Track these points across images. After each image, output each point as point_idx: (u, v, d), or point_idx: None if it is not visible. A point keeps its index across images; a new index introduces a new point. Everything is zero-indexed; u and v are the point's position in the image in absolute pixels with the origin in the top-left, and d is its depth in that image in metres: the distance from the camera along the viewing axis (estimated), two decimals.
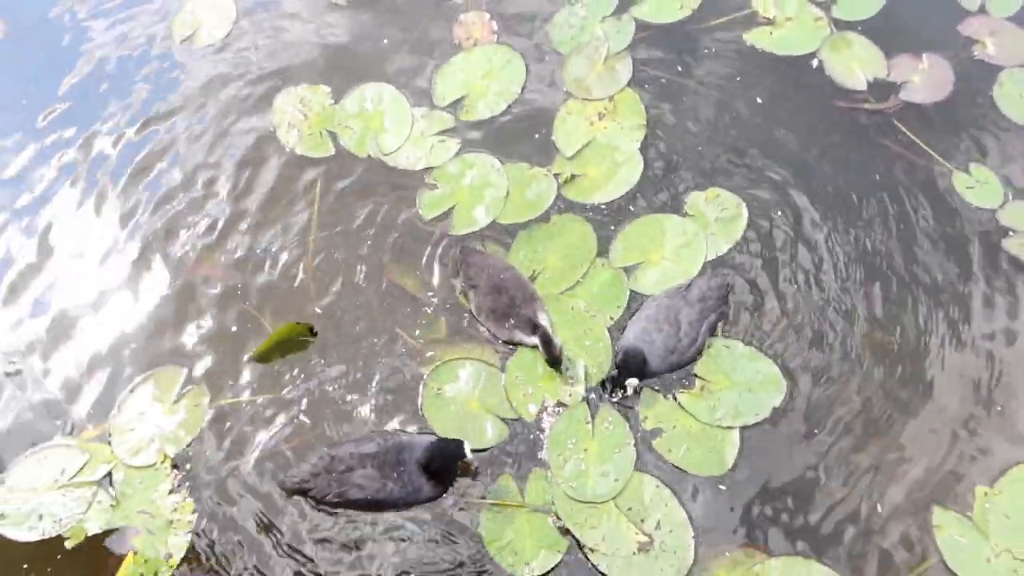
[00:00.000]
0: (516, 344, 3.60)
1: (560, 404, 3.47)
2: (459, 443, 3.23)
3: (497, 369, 3.58)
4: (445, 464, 3.25)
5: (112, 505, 3.34)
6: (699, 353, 3.54)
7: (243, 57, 4.57)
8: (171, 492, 3.36)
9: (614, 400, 3.46)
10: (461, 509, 3.30)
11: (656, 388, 3.50)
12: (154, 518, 3.31)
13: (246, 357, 3.66)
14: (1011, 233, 3.86)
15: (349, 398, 3.56)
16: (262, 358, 3.65)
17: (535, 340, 3.50)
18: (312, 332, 3.70)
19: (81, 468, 3.41)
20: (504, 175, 4.07)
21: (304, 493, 3.27)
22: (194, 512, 3.32)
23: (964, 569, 3.10)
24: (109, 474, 3.41)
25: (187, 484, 3.39)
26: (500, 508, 3.28)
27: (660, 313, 3.51)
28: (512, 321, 3.55)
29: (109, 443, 3.47)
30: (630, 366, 3.38)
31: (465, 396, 3.53)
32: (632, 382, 3.37)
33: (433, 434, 3.41)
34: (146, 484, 3.39)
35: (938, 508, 3.22)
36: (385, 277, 3.84)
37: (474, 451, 3.30)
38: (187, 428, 3.50)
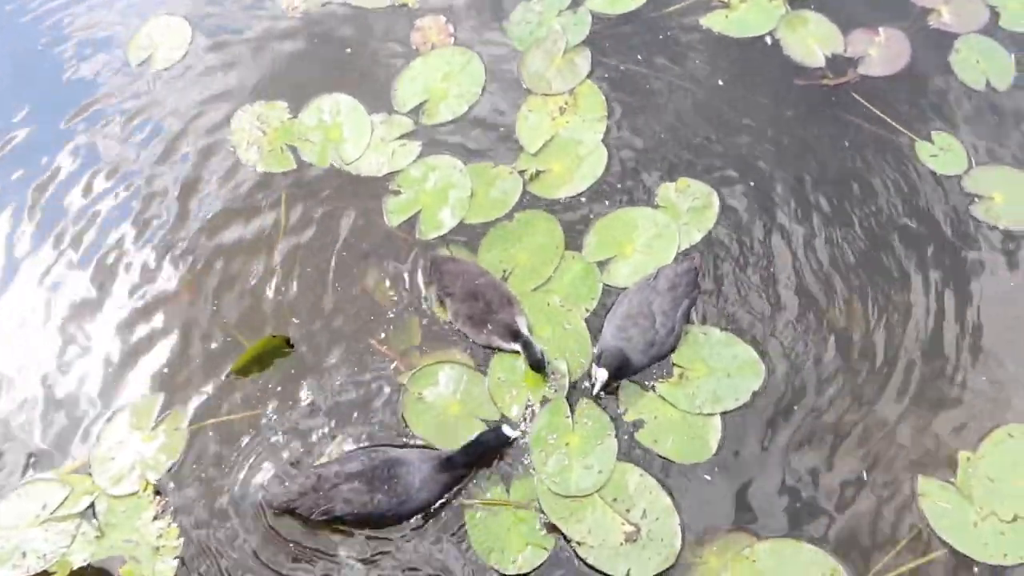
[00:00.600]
0: (496, 349, 3.58)
1: (546, 401, 3.46)
2: (496, 430, 3.26)
3: (476, 371, 3.57)
4: (484, 456, 3.27)
5: (97, 536, 3.30)
6: (677, 341, 3.53)
7: (200, 78, 4.52)
8: (155, 519, 3.33)
9: (595, 397, 3.44)
10: (445, 510, 3.28)
11: (634, 379, 3.50)
12: (139, 546, 3.27)
13: (225, 374, 3.63)
14: (977, 199, 3.89)
15: (328, 412, 3.53)
16: (241, 372, 3.63)
17: (515, 345, 3.49)
18: (289, 344, 3.67)
19: (63, 501, 3.37)
20: (467, 175, 4.06)
21: (291, 512, 3.25)
22: (180, 537, 3.28)
23: (951, 535, 3.11)
24: (92, 505, 3.36)
25: (171, 510, 3.35)
26: (485, 508, 3.26)
27: (633, 308, 3.50)
28: (490, 327, 3.54)
29: (90, 474, 3.42)
30: (611, 367, 3.36)
31: (446, 400, 3.52)
32: (600, 374, 3.34)
33: (418, 445, 3.39)
34: (130, 513, 3.35)
35: (922, 477, 3.23)
36: (357, 286, 3.81)
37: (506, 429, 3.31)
38: (168, 453, 3.46)
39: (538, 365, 3.43)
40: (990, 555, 3.07)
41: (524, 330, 3.50)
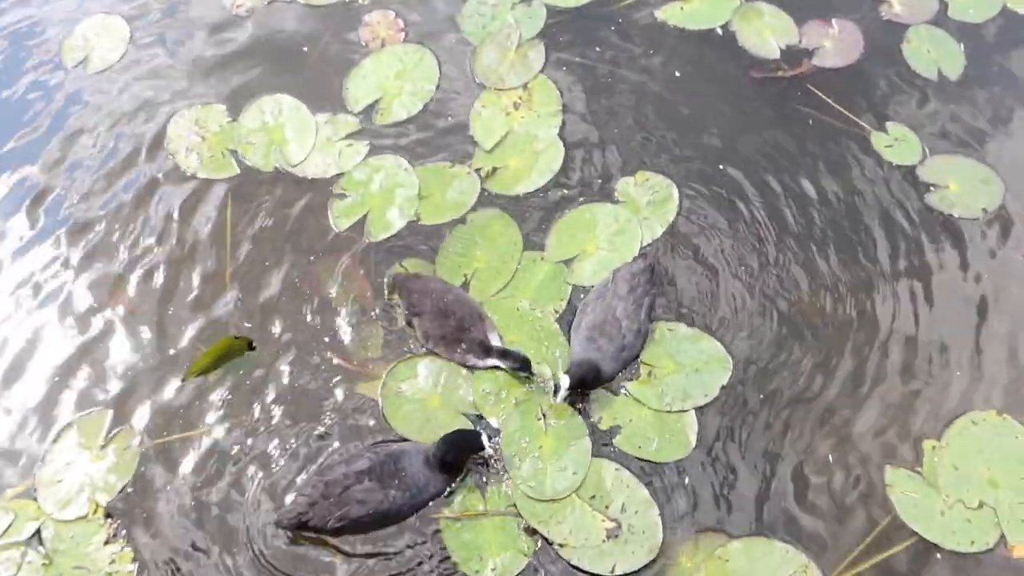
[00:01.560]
0: (470, 367, 3.49)
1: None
2: (476, 434, 3.19)
3: (455, 364, 3.49)
4: (460, 456, 3.19)
5: (44, 564, 3.14)
6: (644, 340, 3.49)
7: (137, 81, 4.35)
8: (107, 543, 3.18)
9: (557, 402, 3.38)
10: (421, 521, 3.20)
11: (605, 386, 3.44)
12: (91, 572, 3.11)
13: (181, 378, 3.50)
14: (932, 188, 3.92)
15: (286, 424, 3.41)
16: (199, 373, 3.50)
17: (490, 362, 3.42)
18: (251, 346, 3.55)
19: (6, 529, 3.20)
20: (414, 174, 3.97)
21: (304, 526, 3.11)
22: (134, 561, 3.13)
23: (920, 524, 3.12)
24: (38, 532, 3.20)
25: (123, 532, 3.20)
26: (462, 518, 3.19)
27: (598, 316, 3.44)
28: (464, 345, 3.44)
29: (35, 498, 3.26)
30: (577, 376, 3.30)
31: (426, 393, 3.44)
32: (563, 381, 3.28)
33: (408, 440, 3.32)
34: (79, 538, 3.19)
35: (889, 467, 3.24)
36: (309, 291, 3.70)
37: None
38: (119, 473, 3.31)
39: (525, 366, 3.36)
40: (958, 542, 3.08)
41: (497, 343, 3.43)
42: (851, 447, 3.30)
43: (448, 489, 3.22)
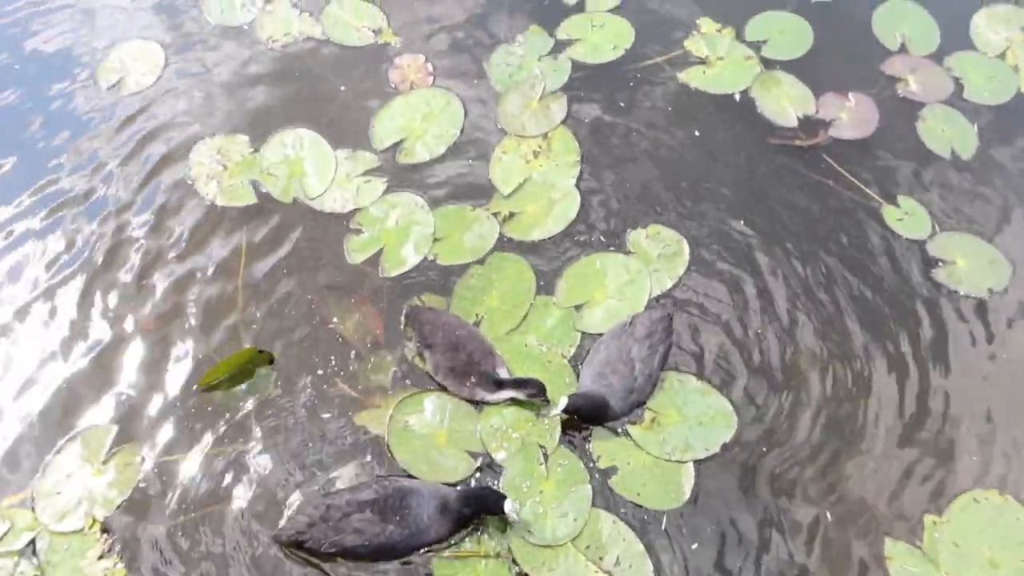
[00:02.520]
0: (478, 402, 3.51)
1: (542, 447, 3.40)
2: (501, 497, 3.14)
3: (464, 402, 3.51)
4: (479, 513, 3.17)
5: (36, 575, 3.13)
6: (654, 388, 3.52)
7: (167, 106, 4.43)
8: (101, 558, 3.17)
9: (545, 419, 3.42)
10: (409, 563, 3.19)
11: (608, 425, 3.46)
12: None
13: (197, 385, 3.53)
14: (940, 263, 3.97)
15: (288, 451, 3.43)
16: (215, 381, 3.53)
17: (500, 396, 3.45)
18: (271, 362, 3.58)
19: (1, 537, 3.19)
20: (429, 212, 4.04)
21: (300, 545, 3.12)
22: None
23: None
24: (33, 542, 3.19)
25: (118, 549, 3.19)
26: (455, 558, 3.18)
27: (612, 355, 3.49)
28: (473, 379, 3.47)
29: (33, 508, 3.26)
30: (578, 405, 3.33)
31: (432, 429, 3.46)
32: (560, 402, 3.30)
33: (413, 477, 3.32)
34: (73, 551, 3.18)
35: (888, 539, 3.23)
36: (320, 324, 3.73)
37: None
38: (118, 489, 3.31)
39: (541, 391, 3.37)
40: None
41: (507, 376, 3.46)
42: (850, 516, 3.30)
43: (449, 540, 3.20)
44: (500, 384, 3.44)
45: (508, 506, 3.12)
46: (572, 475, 3.35)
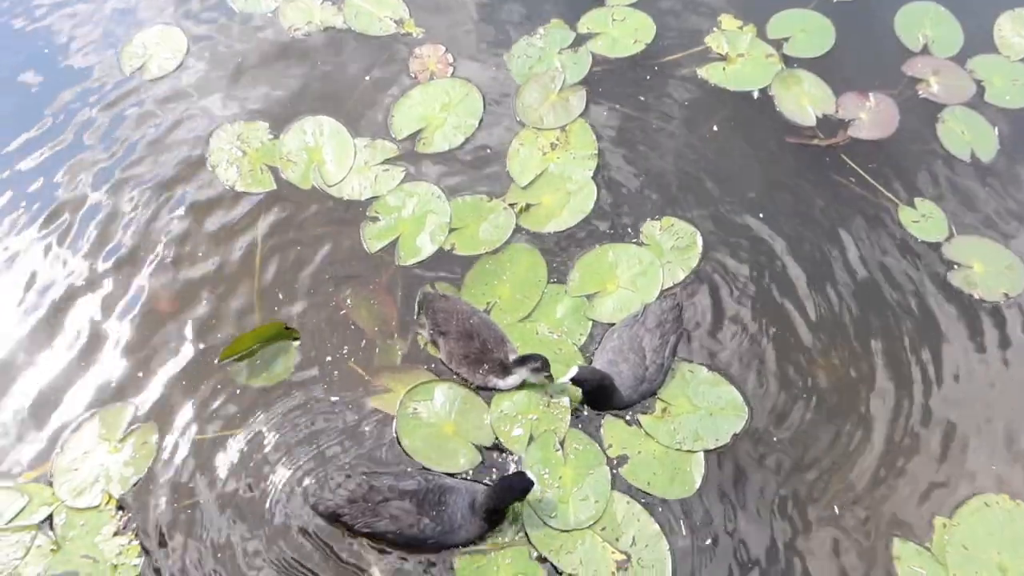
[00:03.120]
0: (491, 390, 3.55)
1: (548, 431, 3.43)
2: (521, 475, 3.15)
3: (473, 392, 3.55)
4: (510, 503, 3.19)
5: (52, 549, 3.18)
6: (665, 377, 3.55)
7: (191, 91, 4.47)
8: (116, 534, 3.22)
9: (550, 395, 3.46)
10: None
11: (618, 413, 3.49)
12: (97, 562, 3.15)
13: (215, 360, 3.60)
14: (956, 267, 3.96)
15: (303, 433, 3.47)
16: (235, 358, 3.60)
17: (512, 381, 3.48)
18: (296, 340, 3.65)
19: (20, 511, 3.25)
20: (446, 202, 4.06)
21: (337, 518, 3.18)
22: (140, 556, 3.18)
23: None
24: (50, 517, 3.25)
25: (133, 526, 3.24)
26: (474, 551, 3.21)
27: (624, 344, 3.52)
28: (487, 366, 3.50)
29: (51, 484, 3.31)
30: (586, 377, 3.35)
31: (440, 419, 3.49)
32: (570, 371, 3.33)
33: (463, 477, 3.35)
34: (89, 527, 3.23)
35: (898, 540, 3.24)
36: (336, 309, 3.76)
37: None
38: (134, 467, 3.36)
39: (545, 366, 3.40)
40: None
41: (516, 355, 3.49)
42: (859, 514, 3.31)
43: (481, 539, 3.22)
44: (508, 369, 3.47)
45: (531, 475, 3.14)
46: (589, 458, 3.39)
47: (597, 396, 3.45)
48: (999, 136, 4.37)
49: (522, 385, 3.52)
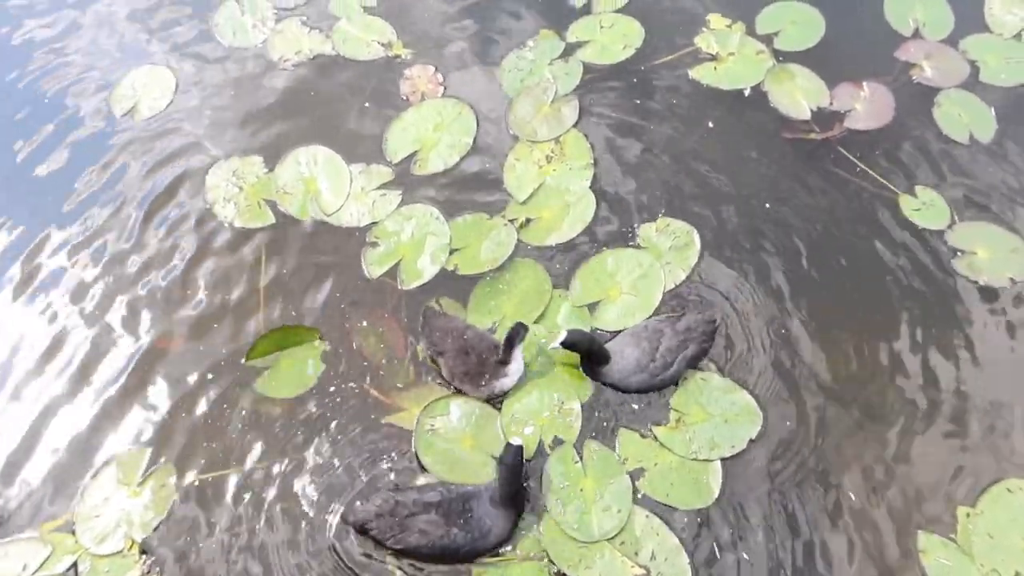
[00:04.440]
0: (500, 396, 3.57)
1: (557, 441, 3.43)
2: (510, 446, 3.17)
3: (489, 406, 3.57)
4: (515, 479, 3.19)
5: None
6: (672, 383, 3.54)
7: (183, 130, 4.49)
8: None
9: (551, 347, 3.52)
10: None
11: (631, 426, 3.49)
12: None
13: (241, 361, 3.66)
14: (960, 253, 3.93)
15: (320, 463, 3.48)
16: (263, 352, 3.68)
17: (510, 376, 3.51)
18: (320, 338, 3.72)
19: (44, 561, 3.27)
20: (444, 223, 4.07)
21: (365, 532, 3.21)
22: None
23: None
24: (75, 565, 3.27)
25: (157, 569, 3.26)
26: (493, 565, 3.22)
27: (643, 332, 3.55)
28: (487, 375, 3.52)
29: (73, 532, 3.33)
30: (575, 339, 3.42)
31: (458, 433, 3.51)
32: (563, 335, 3.41)
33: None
34: (114, 572, 3.25)
35: (922, 533, 3.22)
36: (344, 337, 3.77)
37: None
38: (155, 509, 3.38)
39: (523, 329, 3.45)
40: None
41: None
42: (883, 510, 3.30)
43: (510, 535, 3.25)
44: (503, 361, 3.49)
45: (515, 440, 3.18)
46: (608, 468, 3.39)
47: (589, 361, 3.50)
48: (996, 115, 4.35)
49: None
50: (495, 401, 3.58)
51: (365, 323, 3.81)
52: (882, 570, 3.17)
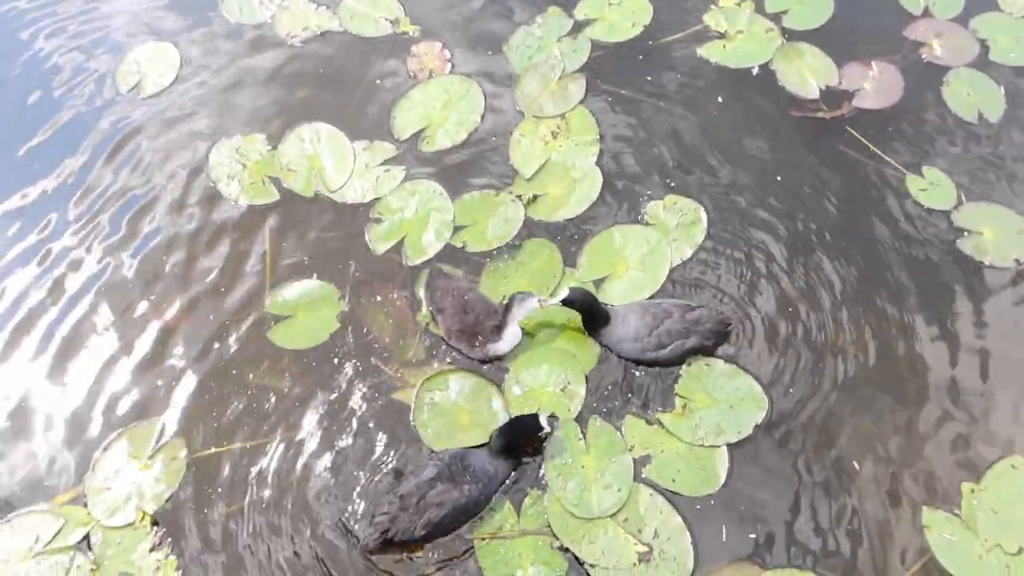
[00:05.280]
0: (491, 361, 3.60)
1: (553, 416, 3.41)
2: (534, 417, 3.28)
3: (488, 381, 3.58)
4: (519, 440, 3.30)
5: (92, 569, 3.23)
6: (662, 364, 3.55)
7: (187, 106, 4.48)
8: (152, 550, 3.26)
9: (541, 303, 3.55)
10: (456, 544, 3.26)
11: (638, 413, 3.50)
12: None
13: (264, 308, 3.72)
14: (966, 233, 3.93)
15: (331, 436, 3.50)
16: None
17: (507, 341, 3.54)
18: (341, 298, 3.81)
19: (56, 533, 3.29)
20: (448, 199, 4.07)
21: (391, 542, 3.20)
22: (178, 569, 3.22)
23: (957, 567, 3.12)
24: (86, 537, 3.29)
25: (169, 540, 3.29)
26: (496, 538, 3.24)
27: (652, 307, 3.57)
28: (481, 338, 3.55)
29: (85, 505, 3.36)
30: (578, 297, 3.48)
31: (457, 407, 3.53)
32: (563, 292, 3.49)
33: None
34: (126, 544, 3.28)
35: (927, 508, 3.24)
36: (352, 312, 3.78)
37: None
38: (166, 482, 3.40)
39: (523, 297, 3.51)
40: None
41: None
42: (887, 486, 3.32)
43: (515, 472, 3.33)
44: (500, 327, 3.52)
45: (543, 420, 3.25)
46: (611, 446, 3.41)
47: (588, 319, 3.54)
48: (1005, 95, 4.33)
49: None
50: (497, 380, 3.58)
51: (372, 298, 3.82)
52: (887, 546, 3.19)
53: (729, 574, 3.15)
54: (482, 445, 3.40)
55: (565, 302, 3.50)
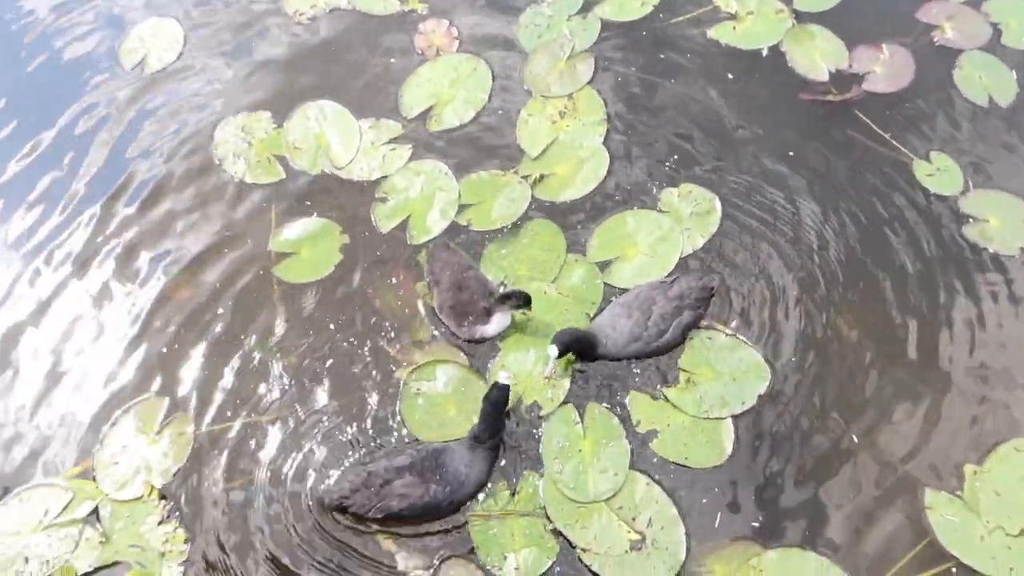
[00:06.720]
0: (478, 341, 3.60)
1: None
2: (496, 385, 3.21)
3: (475, 374, 3.57)
4: (496, 415, 3.23)
5: (101, 542, 3.26)
6: (667, 348, 3.56)
7: (192, 82, 4.48)
8: (160, 523, 3.29)
9: (546, 376, 3.49)
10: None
11: (642, 388, 3.51)
12: (145, 551, 3.23)
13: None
14: (972, 220, 3.92)
15: (336, 415, 3.52)
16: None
17: (495, 326, 3.55)
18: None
19: (65, 506, 3.32)
20: (453, 178, 4.06)
21: (344, 510, 3.24)
22: (186, 542, 3.25)
23: (958, 548, 3.14)
24: (95, 510, 3.32)
25: (176, 514, 3.32)
26: (491, 518, 3.26)
27: (635, 301, 3.56)
28: (471, 317, 3.56)
29: (93, 479, 3.39)
30: (563, 342, 3.39)
31: (444, 398, 3.53)
32: (551, 351, 3.37)
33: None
34: (134, 517, 3.31)
35: (929, 489, 3.26)
36: (358, 290, 3.80)
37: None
38: (173, 457, 3.42)
39: (526, 302, 3.49)
40: (997, 568, 3.09)
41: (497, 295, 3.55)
42: (891, 466, 3.33)
43: (487, 480, 3.29)
44: (490, 310, 3.53)
45: (502, 376, 3.22)
46: (608, 431, 3.42)
47: (583, 350, 3.50)
48: (1017, 79, 4.31)
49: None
50: (482, 369, 3.58)
51: (379, 276, 3.83)
52: (888, 526, 3.21)
53: (730, 553, 3.17)
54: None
55: (561, 352, 3.39)
